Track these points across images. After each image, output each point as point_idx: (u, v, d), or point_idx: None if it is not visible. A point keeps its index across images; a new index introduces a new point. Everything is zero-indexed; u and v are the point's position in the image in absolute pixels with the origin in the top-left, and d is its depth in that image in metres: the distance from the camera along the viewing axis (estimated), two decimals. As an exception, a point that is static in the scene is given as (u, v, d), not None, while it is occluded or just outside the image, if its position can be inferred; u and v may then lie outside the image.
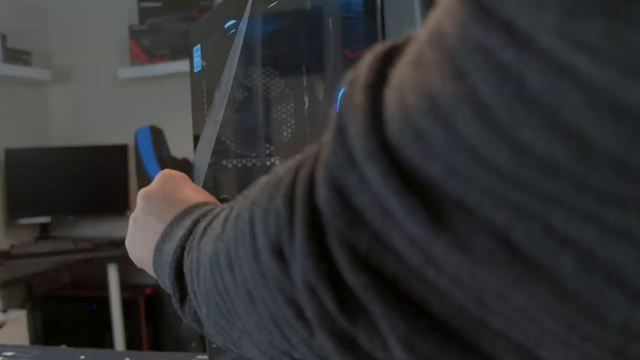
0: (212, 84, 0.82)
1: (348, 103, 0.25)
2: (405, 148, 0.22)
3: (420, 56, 0.22)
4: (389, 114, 0.22)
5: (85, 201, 2.81)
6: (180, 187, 0.51)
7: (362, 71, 0.25)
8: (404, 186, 0.22)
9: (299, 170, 0.28)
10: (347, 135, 0.24)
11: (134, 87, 2.87)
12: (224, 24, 0.75)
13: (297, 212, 0.27)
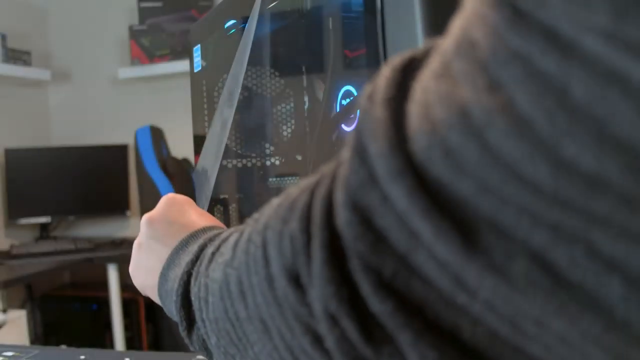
0: (212, 84, 0.82)
1: (367, 119, 0.23)
2: (432, 165, 0.20)
3: (447, 67, 0.21)
4: (413, 130, 0.21)
5: (85, 201, 2.81)
6: (185, 211, 0.50)
7: (381, 85, 0.24)
8: (432, 206, 0.20)
9: (315, 190, 0.27)
10: (367, 153, 0.23)
11: (134, 87, 2.87)
12: (224, 24, 0.75)
13: (314, 236, 0.25)
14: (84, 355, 0.76)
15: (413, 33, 0.40)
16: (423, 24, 0.39)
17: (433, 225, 0.20)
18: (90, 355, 0.76)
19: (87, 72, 2.98)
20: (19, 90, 2.87)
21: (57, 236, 2.86)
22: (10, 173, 2.67)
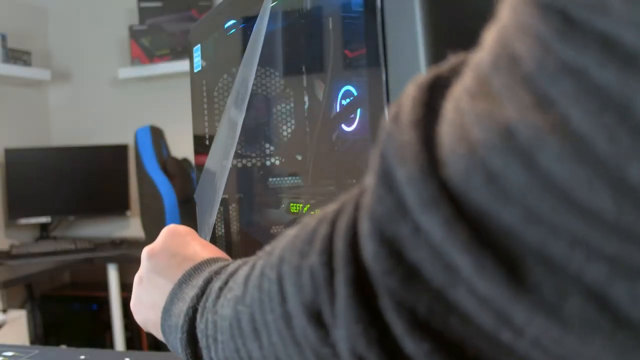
0: (212, 84, 0.82)
1: (393, 141, 0.21)
2: (472, 192, 0.18)
3: (484, 84, 0.19)
4: (447, 153, 0.19)
5: (85, 201, 2.81)
6: (187, 242, 0.48)
7: (407, 105, 0.22)
8: (472, 238, 0.19)
9: (337, 221, 0.25)
10: (395, 179, 0.21)
11: (134, 87, 2.87)
12: (224, 24, 0.75)
13: (338, 270, 0.23)
14: (84, 355, 0.76)
15: (413, 33, 0.40)
16: (423, 24, 0.39)
17: (474, 259, 0.18)
18: (90, 355, 0.76)
19: (87, 72, 2.98)
20: (19, 90, 2.87)
21: (57, 236, 2.86)
22: (10, 173, 2.67)
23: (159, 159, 2.07)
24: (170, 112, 2.63)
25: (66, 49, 3.01)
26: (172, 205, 1.92)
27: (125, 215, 2.84)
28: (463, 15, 0.41)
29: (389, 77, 0.42)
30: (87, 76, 2.98)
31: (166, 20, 2.73)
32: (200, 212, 0.78)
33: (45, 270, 2.42)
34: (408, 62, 0.40)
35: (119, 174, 2.81)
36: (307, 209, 0.67)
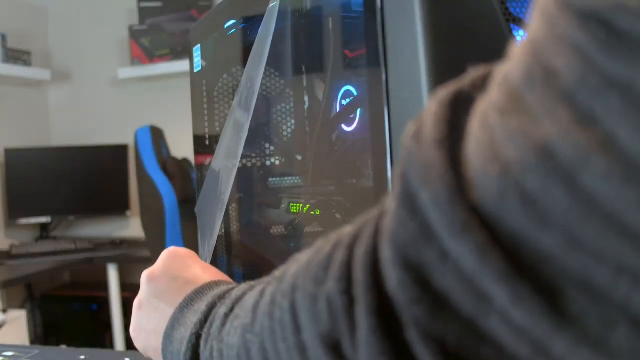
0: (212, 84, 0.82)
1: (415, 161, 0.20)
2: (507, 216, 0.17)
3: (517, 100, 0.18)
4: (477, 174, 0.18)
5: (85, 201, 2.81)
6: (188, 265, 0.46)
7: (429, 122, 0.21)
8: (508, 266, 0.17)
9: (355, 246, 0.23)
10: (419, 202, 0.20)
11: (134, 87, 2.87)
12: (224, 24, 0.75)
13: (358, 299, 0.22)
14: (84, 355, 0.76)
15: (413, 33, 0.40)
16: (423, 24, 0.39)
17: (510, 289, 0.17)
18: (90, 355, 0.76)
19: (87, 72, 2.98)
20: (19, 90, 2.87)
21: (57, 236, 2.86)
22: (10, 173, 2.67)
23: (159, 159, 2.07)
24: (170, 112, 2.63)
25: (66, 49, 3.01)
26: (172, 205, 1.92)
27: (125, 215, 2.84)
28: (463, 15, 0.41)
29: (389, 77, 0.42)
30: (87, 76, 2.98)
31: (166, 20, 2.74)
32: (201, 229, 0.76)
33: (45, 270, 2.42)
34: (408, 62, 0.40)
35: (119, 174, 2.81)
36: (307, 209, 0.67)
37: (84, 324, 2.70)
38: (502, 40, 0.43)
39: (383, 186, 0.43)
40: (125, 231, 2.92)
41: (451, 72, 0.40)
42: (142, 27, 2.74)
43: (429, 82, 0.39)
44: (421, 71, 0.39)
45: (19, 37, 2.80)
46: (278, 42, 0.68)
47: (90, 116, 2.98)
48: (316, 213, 0.65)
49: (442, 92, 0.22)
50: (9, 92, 2.80)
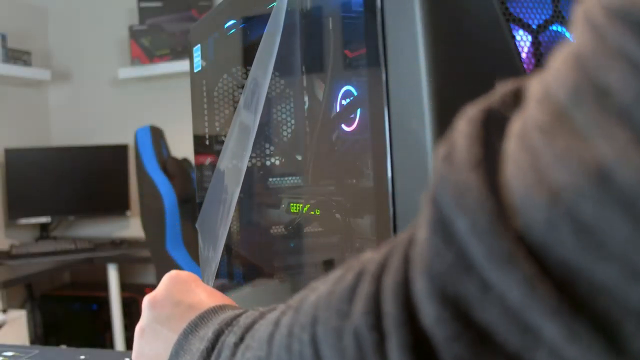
0: (212, 84, 0.82)
1: (449, 186, 0.19)
2: (558, 246, 0.16)
3: (563, 119, 0.17)
4: (521, 199, 0.17)
5: (85, 201, 2.81)
6: (191, 289, 0.45)
7: (462, 144, 0.19)
8: (560, 300, 0.16)
9: (383, 277, 0.22)
10: (455, 230, 0.19)
11: (134, 87, 2.87)
12: (224, 24, 0.75)
13: (389, 335, 0.20)
14: (84, 355, 0.76)
15: (413, 33, 0.40)
16: (423, 24, 0.39)
17: (563, 324, 0.16)
18: (90, 355, 0.76)
19: (87, 72, 2.98)
20: (19, 90, 2.87)
21: (57, 236, 2.86)
22: (10, 173, 2.67)
23: (159, 159, 2.07)
24: (170, 112, 2.63)
25: (66, 49, 3.01)
26: (172, 205, 1.92)
27: (125, 215, 2.84)
28: (463, 15, 0.41)
29: (389, 77, 0.42)
30: (87, 76, 2.98)
31: (166, 20, 2.74)
32: (204, 247, 0.76)
33: (45, 270, 2.42)
34: (408, 62, 0.40)
35: (119, 174, 2.81)
36: (307, 209, 0.67)
37: (84, 324, 2.70)
38: (502, 40, 0.43)
39: (383, 186, 0.43)
40: (125, 231, 2.92)
41: (451, 72, 0.40)
42: (142, 27, 2.74)
43: (429, 82, 0.39)
44: (421, 71, 0.39)
45: (19, 37, 2.80)
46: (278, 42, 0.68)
47: (90, 116, 2.98)
48: (316, 213, 0.65)
49: (471, 110, 0.20)
50: (9, 92, 2.80)
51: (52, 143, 3.01)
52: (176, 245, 1.93)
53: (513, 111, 0.20)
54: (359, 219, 0.57)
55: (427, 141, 0.39)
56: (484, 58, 0.42)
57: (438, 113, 0.39)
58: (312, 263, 0.70)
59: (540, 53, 0.45)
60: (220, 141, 0.82)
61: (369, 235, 0.54)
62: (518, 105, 0.20)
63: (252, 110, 0.60)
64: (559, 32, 0.47)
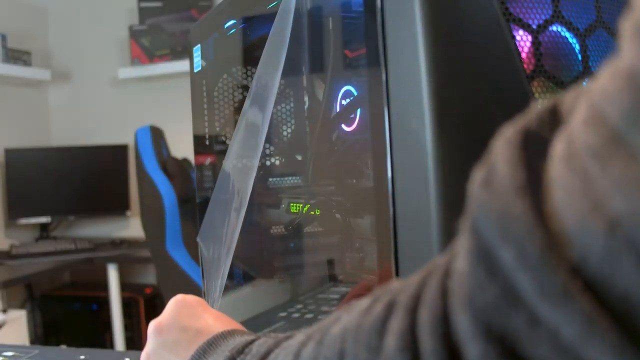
0: (212, 84, 0.82)
1: (490, 214, 0.18)
2: (618, 278, 0.15)
3: (616, 141, 0.15)
4: (574, 229, 0.16)
5: (85, 201, 2.81)
6: (198, 314, 0.43)
7: (502, 168, 0.18)
8: (621, 335, 0.15)
9: (418, 310, 0.21)
10: (500, 261, 0.17)
11: (134, 87, 2.87)
12: (224, 24, 0.75)
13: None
14: (84, 355, 0.76)
15: (413, 33, 0.40)
16: (423, 24, 0.39)
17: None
18: (90, 355, 0.76)
19: (87, 72, 2.98)
20: (19, 90, 2.87)
21: (57, 236, 2.86)
22: (10, 173, 2.67)
23: (159, 159, 2.07)
24: (170, 112, 2.63)
25: (66, 49, 3.01)
26: (172, 205, 1.92)
27: (125, 215, 2.84)
28: (463, 15, 0.41)
29: (389, 77, 0.42)
30: (87, 76, 2.98)
31: (166, 20, 2.74)
32: (206, 265, 0.75)
33: (45, 270, 2.42)
34: (408, 62, 0.40)
35: (119, 174, 2.81)
36: (307, 209, 0.67)
37: (84, 324, 2.70)
38: (502, 40, 0.43)
39: (383, 186, 0.43)
40: (125, 231, 2.92)
41: (451, 72, 0.40)
42: (142, 27, 2.74)
43: (429, 82, 0.39)
44: (421, 71, 0.39)
45: (19, 37, 2.80)
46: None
47: (90, 116, 2.98)
48: (316, 213, 0.65)
49: (507, 131, 0.19)
50: (9, 92, 2.80)
51: (52, 143, 3.01)
52: (176, 245, 1.93)
53: (552, 131, 0.19)
54: (359, 219, 0.57)
55: (427, 141, 0.39)
56: (484, 58, 0.42)
57: (438, 113, 0.39)
58: (312, 263, 0.70)
59: (540, 53, 0.45)
60: (221, 141, 0.82)
61: (369, 235, 0.54)
62: (556, 125, 0.19)
63: (261, 111, 0.59)
64: (559, 32, 0.47)
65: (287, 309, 0.69)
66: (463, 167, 0.39)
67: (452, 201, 0.39)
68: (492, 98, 0.42)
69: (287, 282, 0.73)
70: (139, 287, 2.68)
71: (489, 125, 0.41)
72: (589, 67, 0.48)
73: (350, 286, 0.59)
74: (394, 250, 0.42)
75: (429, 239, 0.39)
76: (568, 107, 0.19)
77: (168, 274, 1.94)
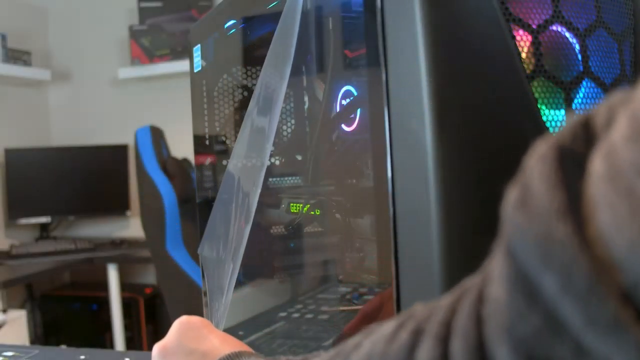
0: (212, 84, 0.82)
1: (528, 237, 0.17)
2: None
3: None
4: (623, 253, 0.15)
5: (85, 201, 2.81)
6: (203, 336, 0.42)
7: (538, 187, 0.17)
8: None
9: (450, 339, 0.20)
10: (541, 288, 0.16)
11: (134, 87, 2.87)
12: (224, 24, 0.75)
13: None
14: (84, 355, 0.76)
15: (413, 33, 0.40)
16: (423, 24, 0.39)
17: None
18: (90, 355, 0.76)
19: (87, 72, 2.98)
20: (19, 90, 2.87)
21: (57, 236, 2.86)
22: (10, 173, 2.67)
23: (159, 159, 2.07)
24: (170, 112, 2.63)
25: (66, 49, 3.01)
26: (172, 205, 1.92)
27: (125, 215, 2.83)
28: (463, 15, 0.41)
29: (389, 77, 0.42)
30: (87, 76, 2.98)
31: (166, 20, 2.74)
32: (209, 281, 0.74)
33: (45, 270, 2.42)
34: (408, 62, 0.40)
35: (119, 174, 2.81)
36: (307, 209, 0.67)
37: (84, 324, 2.70)
38: (502, 40, 0.43)
39: (383, 186, 0.43)
40: (125, 231, 2.92)
41: (451, 72, 0.40)
42: (142, 27, 2.74)
43: (429, 82, 0.39)
44: (421, 71, 0.39)
45: (19, 37, 2.80)
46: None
47: (90, 116, 2.98)
48: (316, 213, 0.65)
49: (540, 147, 0.18)
50: (9, 92, 2.80)
51: (52, 143, 3.01)
52: (176, 245, 1.93)
53: (587, 147, 0.18)
54: (359, 219, 0.57)
55: (427, 141, 0.39)
56: (484, 58, 0.42)
57: (438, 113, 0.39)
58: (312, 263, 0.70)
59: (540, 53, 0.45)
60: (221, 141, 0.82)
61: (369, 235, 0.54)
62: (591, 140, 0.18)
63: (268, 114, 0.57)
64: (559, 32, 0.47)
65: (287, 309, 0.69)
66: (463, 167, 0.39)
67: (452, 201, 0.39)
68: (492, 98, 0.42)
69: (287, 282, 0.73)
70: (139, 287, 2.68)
71: (489, 125, 0.41)
72: (589, 67, 0.48)
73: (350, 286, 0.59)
74: (394, 250, 0.42)
75: (429, 239, 0.39)
76: (602, 121, 0.18)
77: (168, 274, 1.94)
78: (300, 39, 0.66)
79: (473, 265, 0.39)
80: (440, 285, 0.39)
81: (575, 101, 0.47)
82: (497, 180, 0.40)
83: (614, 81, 0.50)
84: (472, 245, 0.39)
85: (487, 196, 0.40)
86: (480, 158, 0.40)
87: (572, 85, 0.47)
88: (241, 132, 0.64)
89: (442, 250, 0.38)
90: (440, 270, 0.39)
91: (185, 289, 1.87)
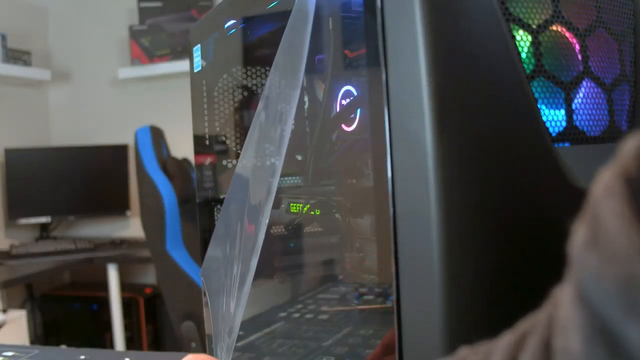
0: (212, 84, 0.82)
1: (607, 283, 0.15)
2: None
3: None
4: None
5: (85, 201, 2.81)
6: None
7: (613, 227, 0.16)
8: None
9: None
10: (625, 340, 0.15)
11: (134, 87, 2.87)
12: (224, 24, 0.75)
13: None
14: (84, 355, 0.76)
15: (413, 33, 0.40)
16: (423, 24, 0.39)
17: None
18: (90, 355, 0.76)
19: (87, 72, 2.98)
20: (19, 90, 2.87)
21: (57, 236, 2.86)
22: (10, 173, 2.67)
23: (159, 159, 2.07)
24: (170, 112, 2.63)
25: (66, 49, 3.01)
26: (172, 205, 1.92)
27: (125, 215, 2.84)
28: (463, 15, 0.41)
29: (389, 77, 0.42)
30: (87, 76, 2.99)
31: (166, 20, 2.74)
32: (213, 310, 0.74)
33: (45, 270, 2.42)
34: (408, 62, 0.40)
35: (119, 174, 2.81)
36: (307, 209, 0.67)
37: (84, 324, 2.70)
38: (502, 40, 0.43)
39: (383, 186, 0.43)
40: (125, 231, 2.92)
41: (451, 72, 0.40)
42: (142, 27, 2.74)
43: (429, 82, 0.39)
44: (421, 71, 0.39)
45: (19, 37, 2.80)
46: (278, 42, 0.68)
47: (90, 116, 2.98)
48: (316, 213, 0.65)
49: (605, 178, 0.17)
50: (9, 92, 2.80)
51: (52, 143, 3.02)
52: (176, 245, 1.93)
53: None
54: (359, 219, 0.57)
55: (427, 141, 0.39)
56: (484, 58, 0.42)
57: (438, 113, 0.39)
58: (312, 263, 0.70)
59: (540, 53, 0.45)
60: (221, 141, 0.82)
61: (369, 235, 0.54)
62: None
63: (280, 121, 0.55)
64: (559, 32, 0.47)
65: (287, 309, 0.69)
66: (463, 167, 0.40)
67: (452, 201, 0.39)
68: (492, 98, 0.42)
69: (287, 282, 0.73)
70: (139, 287, 2.68)
71: (489, 125, 0.41)
72: (589, 67, 0.48)
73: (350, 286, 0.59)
74: (394, 250, 0.42)
75: (429, 239, 0.39)
76: None
77: (168, 274, 1.94)
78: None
79: (473, 265, 0.39)
80: (440, 285, 0.39)
81: (575, 101, 0.47)
82: (497, 180, 0.40)
83: (614, 81, 0.50)
84: (472, 245, 0.39)
85: (487, 196, 0.40)
86: (480, 158, 0.40)
87: (572, 85, 0.47)
88: (248, 138, 0.63)
89: (442, 250, 0.38)
90: (440, 270, 0.39)
91: (185, 289, 1.87)
